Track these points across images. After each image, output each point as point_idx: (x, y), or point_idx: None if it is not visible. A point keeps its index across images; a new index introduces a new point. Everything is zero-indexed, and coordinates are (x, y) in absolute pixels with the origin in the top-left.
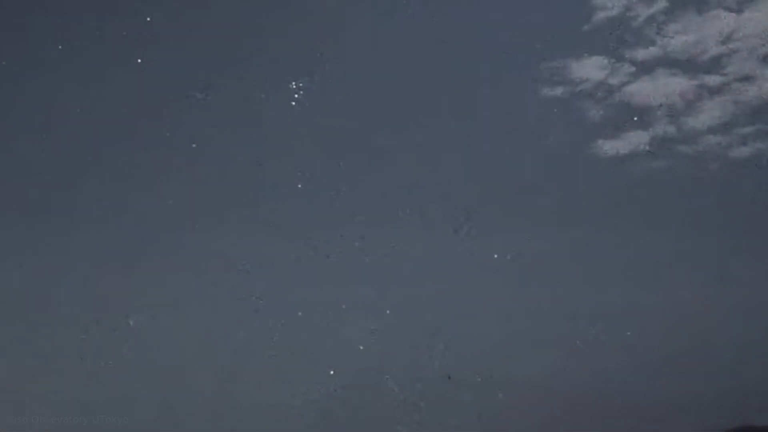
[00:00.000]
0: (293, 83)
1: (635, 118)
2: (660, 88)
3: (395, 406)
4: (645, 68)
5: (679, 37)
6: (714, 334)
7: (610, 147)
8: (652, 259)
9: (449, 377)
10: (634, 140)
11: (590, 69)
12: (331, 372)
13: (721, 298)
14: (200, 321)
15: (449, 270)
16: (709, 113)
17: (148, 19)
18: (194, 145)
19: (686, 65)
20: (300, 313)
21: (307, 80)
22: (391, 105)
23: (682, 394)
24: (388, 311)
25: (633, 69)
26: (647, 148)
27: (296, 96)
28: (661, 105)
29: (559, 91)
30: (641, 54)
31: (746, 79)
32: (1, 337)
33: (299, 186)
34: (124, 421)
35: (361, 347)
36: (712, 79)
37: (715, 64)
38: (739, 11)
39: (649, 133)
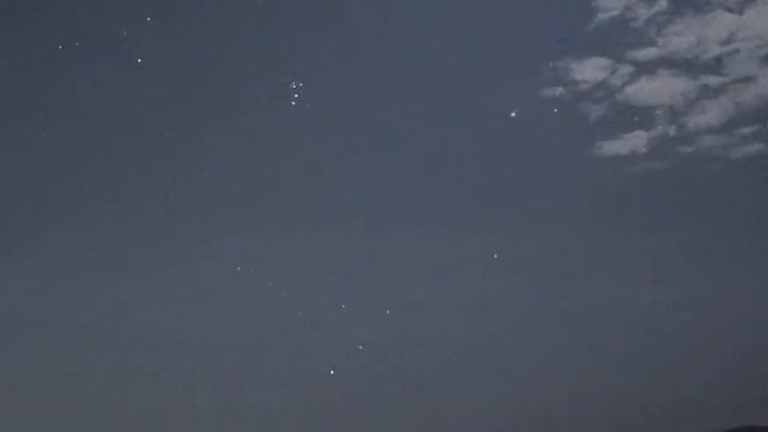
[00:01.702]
0: (293, 83)
1: (635, 118)
2: (660, 89)
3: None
4: (645, 68)
5: (680, 38)
6: (713, 334)
7: (610, 147)
8: (651, 260)
9: None
10: (634, 140)
11: (591, 69)
12: (332, 372)
13: (720, 298)
14: (199, 320)
15: (450, 269)
16: (709, 113)
17: (148, 19)
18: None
19: (687, 66)
20: (300, 313)
21: (305, 80)
22: (391, 105)
23: (682, 394)
24: (387, 311)
25: (633, 69)
26: (646, 148)
27: (296, 96)
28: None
29: (559, 91)
30: (641, 54)
31: (746, 79)
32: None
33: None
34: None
35: (361, 347)
36: (712, 80)
37: (715, 65)
38: (739, 12)
39: (649, 133)
